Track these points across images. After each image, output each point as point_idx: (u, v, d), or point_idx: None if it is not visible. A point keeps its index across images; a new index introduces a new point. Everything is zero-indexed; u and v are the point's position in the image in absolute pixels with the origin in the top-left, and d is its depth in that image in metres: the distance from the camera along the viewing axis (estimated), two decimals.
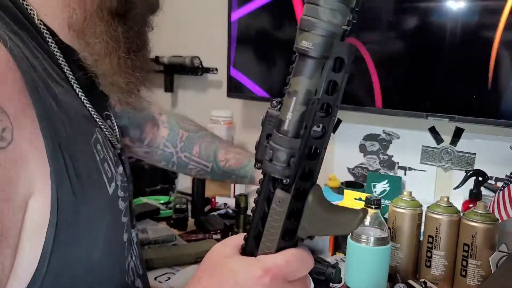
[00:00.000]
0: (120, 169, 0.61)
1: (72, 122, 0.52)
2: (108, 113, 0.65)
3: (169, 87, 1.89)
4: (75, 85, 0.56)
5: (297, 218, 0.45)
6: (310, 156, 0.44)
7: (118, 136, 0.66)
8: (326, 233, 0.47)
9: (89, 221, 0.52)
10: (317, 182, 0.46)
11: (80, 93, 0.57)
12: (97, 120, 0.59)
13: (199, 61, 1.77)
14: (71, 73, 0.56)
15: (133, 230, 0.67)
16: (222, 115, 1.64)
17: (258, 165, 0.45)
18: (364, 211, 0.44)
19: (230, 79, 1.59)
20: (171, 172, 1.94)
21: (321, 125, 0.43)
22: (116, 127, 0.66)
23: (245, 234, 0.48)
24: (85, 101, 0.57)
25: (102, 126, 0.59)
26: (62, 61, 0.56)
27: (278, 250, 0.46)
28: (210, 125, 1.66)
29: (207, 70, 1.77)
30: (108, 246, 0.55)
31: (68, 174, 0.50)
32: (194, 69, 1.79)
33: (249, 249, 0.48)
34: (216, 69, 1.75)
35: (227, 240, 0.49)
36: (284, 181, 0.44)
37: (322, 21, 0.39)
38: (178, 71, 1.85)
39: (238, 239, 0.49)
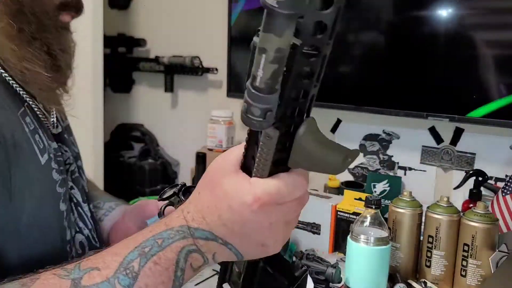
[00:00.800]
0: (54, 144, 0.63)
1: None
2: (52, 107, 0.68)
3: (169, 87, 1.89)
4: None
5: (287, 150, 0.44)
6: (297, 98, 0.41)
7: (55, 122, 0.68)
8: (312, 170, 0.46)
9: (20, 183, 0.54)
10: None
11: (3, 74, 0.59)
12: (25, 97, 0.60)
13: (199, 61, 1.77)
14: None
15: (84, 204, 0.69)
16: (222, 115, 1.64)
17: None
18: (354, 153, 0.43)
19: (230, 79, 1.59)
20: (171, 172, 1.94)
21: (309, 68, 0.39)
22: (55, 117, 0.68)
23: (245, 146, 0.49)
24: (10, 81, 0.59)
25: (33, 106, 0.61)
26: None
27: (271, 174, 0.47)
28: (210, 125, 1.66)
29: (207, 70, 1.77)
30: (39, 212, 0.57)
31: None
32: (194, 69, 1.79)
33: (247, 165, 0.49)
34: (216, 69, 1.75)
35: (227, 154, 0.51)
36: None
37: None
38: (178, 71, 1.85)
39: (238, 152, 0.50)
